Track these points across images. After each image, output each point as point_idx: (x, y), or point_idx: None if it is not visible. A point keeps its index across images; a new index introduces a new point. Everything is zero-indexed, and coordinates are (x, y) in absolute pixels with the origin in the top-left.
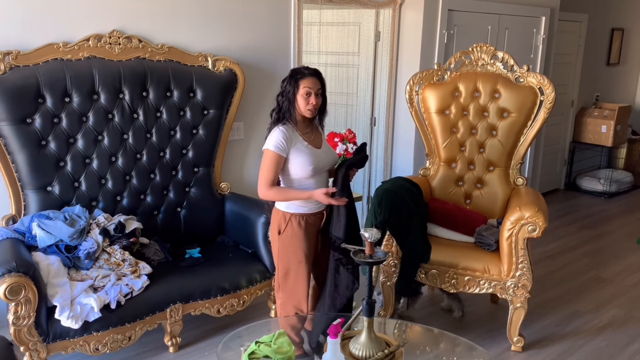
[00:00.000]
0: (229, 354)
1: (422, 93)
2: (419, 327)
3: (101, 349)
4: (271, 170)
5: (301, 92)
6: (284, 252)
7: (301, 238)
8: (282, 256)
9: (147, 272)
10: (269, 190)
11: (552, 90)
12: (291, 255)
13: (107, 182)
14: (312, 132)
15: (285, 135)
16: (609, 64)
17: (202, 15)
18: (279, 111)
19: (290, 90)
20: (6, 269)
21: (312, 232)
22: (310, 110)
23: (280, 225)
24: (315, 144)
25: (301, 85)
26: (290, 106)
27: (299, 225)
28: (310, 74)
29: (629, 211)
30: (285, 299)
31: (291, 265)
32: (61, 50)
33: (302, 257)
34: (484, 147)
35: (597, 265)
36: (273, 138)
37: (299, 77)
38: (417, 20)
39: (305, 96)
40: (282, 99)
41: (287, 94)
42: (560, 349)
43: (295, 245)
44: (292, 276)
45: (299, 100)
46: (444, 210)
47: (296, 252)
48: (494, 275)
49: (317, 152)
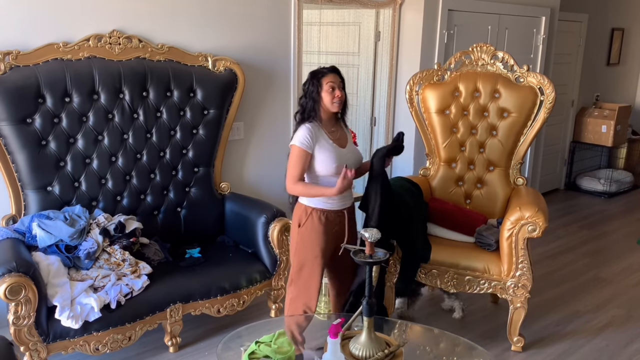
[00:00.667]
0: (229, 354)
1: (422, 93)
2: (419, 327)
3: (101, 349)
4: (297, 165)
5: (325, 88)
6: (302, 245)
7: (320, 233)
8: (299, 250)
9: (147, 272)
10: (295, 185)
11: (552, 90)
12: (308, 249)
13: (107, 182)
14: (338, 131)
15: (310, 132)
16: (609, 64)
17: (202, 15)
18: (303, 112)
19: (313, 89)
20: (6, 269)
21: (331, 230)
22: (337, 103)
23: (301, 218)
24: (341, 143)
25: (324, 82)
26: (315, 105)
27: (319, 220)
28: (330, 70)
29: (629, 211)
30: (296, 294)
31: (307, 259)
32: (61, 50)
33: (319, 252)
34: (484, 147)
35: (597, 265)
36: (299, 134)
37: (320, 76)
38: (417, 20)
39: (330, 91)
40: (306, 99)
41: (311, 93)
42: (560, 349)
43: (314, 239)
44: (307, 271)
45: (324, 96)
46: (444, 210)
47: (313, 246)
48: (494, 275)
49: (342, 151)
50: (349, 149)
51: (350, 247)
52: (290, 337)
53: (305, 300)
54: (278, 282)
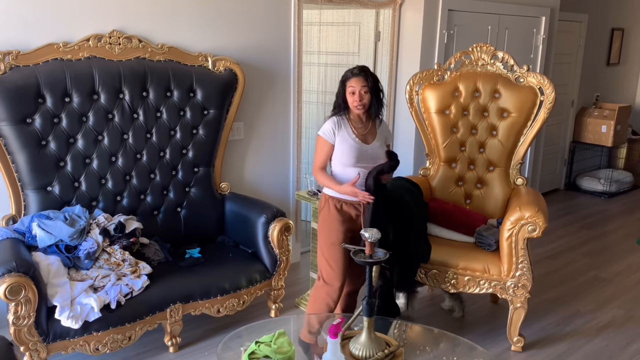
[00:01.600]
0: (229, 354)
1: (422, 93)
2: (419, 327)
3: (101, 349)
4: (320, 154)
5: (348, 92)
6: (321, 229)
7: (335, 220)
8: (319, 234)
9: (147, 272)
10: (317, 172)
11: (552, 90)
12: (325, 235)
13: (107, 182)
14: (366, 128)
15: (334, 124)
16: (609, 64)
17: (202, 15)
18: (334, 108)
19: (341, 91)
20: (6, 269)
21: (347, 219)
22: (357, 107)
23: (321, 205)
24: (365, 139)
25: (347, 86)
26: (343, 104)
27: (335, 208)
28: (355, 74)
29: (629, 211)
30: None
31: (324, 245)
32: (61, 50)
33: (335, 239)
34: (484, 147)
35: (597, 265)
36: (324, 126)
37: (345, 79)
38: (417, 20)
39: (351, 95)
40: (337, 99)
41: (339, 94)
42: (560, 349)
43: (330, 226)
44: (326, 256)
45: (348, 99)
46: (444, 210)
47: (330, 232)
48: (494, 275)
49: (363, 147)
50: (373, 146)
51: (350, 247)
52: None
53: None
54: (278, 282)
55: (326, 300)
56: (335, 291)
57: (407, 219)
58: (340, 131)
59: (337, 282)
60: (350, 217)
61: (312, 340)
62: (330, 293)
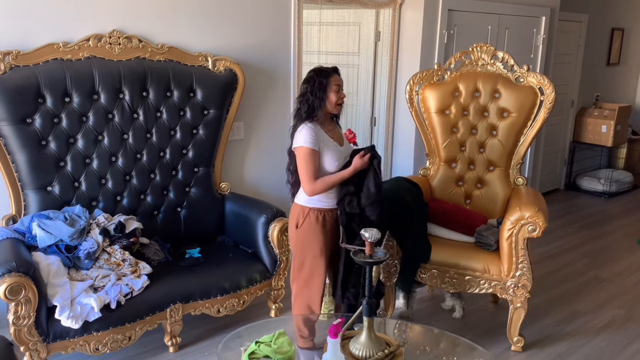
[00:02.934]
0: (229, 354)
1: (422, 93)
2: (419, 327)
3: (101, 349)
4: (310, 165)
5: (333, 88)
6: (300, 245)
7: (318, 232)
8: (298, 249)
9: (147, 272)
10: (315, 183)
11: (552, 90)
12: (307, 248)
13: (107, 182)
14: (334, 130)
15: (314, 131)
16: (609, 64)
17: (202, 15)
18: (307, 109)
19: (320, 87)
20: (6, 269)
21: (330, 229)
22: (340, 104)
23: (298, 219)
24: (339, 141)
25: (332, 82)
26: (320, 103)
27: (317, 219)
28: (334, 70)
29: (629, 211)
30: (297, 292)
31: (306, 258)
32: (61, 50)
33: (318, 251)
34: (484, 147)
35: (597, 265)
36: (304, 135)
37: (327, 75)
38: (417, 20)
39: (337, 90)
40: (312, 97)
41: (317, 91)
42: (560, 349)
43: (311, 239)
44: (307, 270)
45: (330, 96)
46: (444, 210)
47: (312, 246)
48: (494, 275)
49: (341, 149)
50: (345, 147)
51: (350, 247)
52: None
53: (307, 299)
54: (278, 282)
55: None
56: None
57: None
58: (321, 138)
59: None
60: (331, 226)
61: (309, 344)
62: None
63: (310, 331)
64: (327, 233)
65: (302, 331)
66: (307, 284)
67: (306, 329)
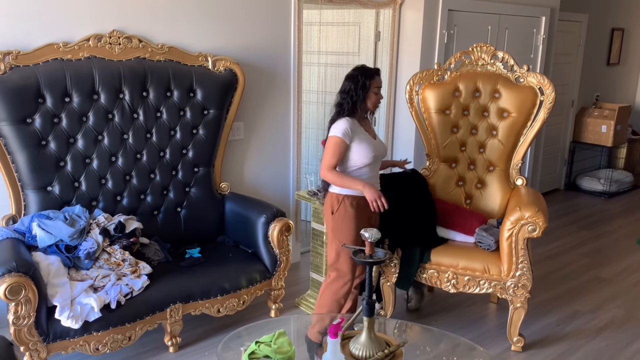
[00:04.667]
0: (229, 354)
1: (422, 93)
2: (419, 327)
3: (101, 349)
4: (335, 155)
5: (374, 90)
6: (337, 231)
7: (353, 218)
8: (334, 236)
9: (147, 272)
10: (330, 172)
11: (552, 90)
12: (343, 234)
13: (107, 182)
14: (369, 125)
15: (351, 124)
16: (609, 64)
17: (202, 15)
18: (350, 105)
19: (362, 87)
20: (6, 269)
21: (364, 216)
22: (378, 105)
23: (333, 206)
24: (372, 135)
25: (374, 84)
26: (362, 102)
27: (352, 205)
28: (377, 72)
29: (629, 211)
30: (335, 277)
31: (346, 242)
32: (61, 50)
33: (354, 237)
34: (484, 147)
35: (597, 265)
36: (340, 126)
37: (370, 77)
38: (417, 20)
39: (375, 94)
40: (355, 94)
41: (360, 90)
42: (560, 349)
43: (347, 224)
44: (344, 257)
45: (370, 96)
46: (444, 210)
47: (348, 231)
48: (494, 275)
49: (375, 142)
50: (378, 141)
51: (350, 247)
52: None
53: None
54: (278, 282)
55: (338, 295)
56: (348, 284)
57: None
58: (356, 131)
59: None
60: (368, 212)
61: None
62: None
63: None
64: (362, 219)
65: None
66: (345, 271)
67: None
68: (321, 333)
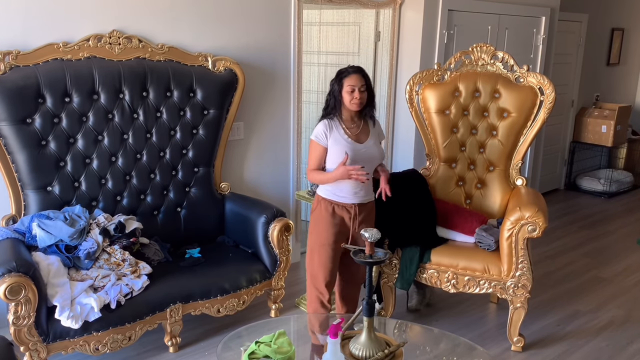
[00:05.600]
0: (229, 354)
1: (422, 93)
2: (419, 327)
3: (101, 349)
4: (312, 157)
5: (346, 89)
6: (312, 230)
7: (326, 222)
8: (310, 234)
9: (147, 272)
10: (310, 173)
11: (552, 90)
12: (315, 236)
13: (107, 182)
14: (358, 127)
15: (325, 126)
16: (609, 64)
17: (202, 15)
18: (326, 108)
19: (336, 88)
20: (6, 269)
21: (339, 222)
22: (356, 104)
23: (314, 205)
24: (358, 138)
25: (345, 83)
26: (336, 103)
27: (327, 210)
28: (353, 71)
29: (629, 211)
30: (309, 278)
31: (315, 246)
32: (61, 50)
33: (324, 240)
34: (484, 147)
35: (597, 265)
36: (316, 129)
37: (343, 76)
38: (417, 20)
39: (350, 92)
40: (330, 97)
41: (334, 92)
42: (560, 349)
43: (320, 227)
44: (316, 258)
45: (344, 96)
46: (444, 210)
47: (320, 234)
48: (494, 275)
49: (357, 146)
50: (366, 145)
51: (350, 247)
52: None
53: (316, 286)
54: (278, 282)
55: (318, 299)
56: (323, 292)
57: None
58: (333, 133)
59: (323, 283)
60: (342, 220)
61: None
62: (319, 293)
63: (321, 327)
64: (335, 225)
65: (313, 326)
66: (316, 273)
67: (317, 325)
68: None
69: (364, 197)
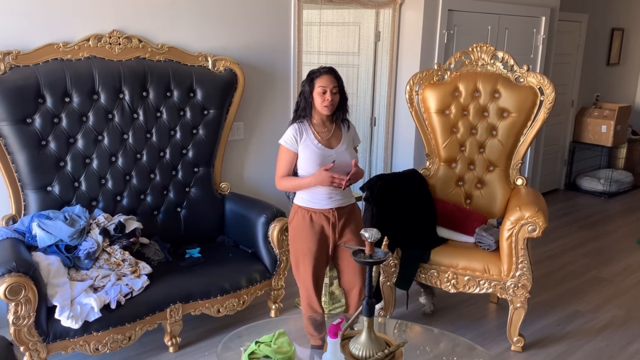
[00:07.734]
0: (229, 354)
1: (422, 93)
2: (419, 327)
3: (101, 349)
4: (281, 163)
5: (317, 91)
6: (292, 242)
7: (305, 231)
8: (291, 246)
9: (147, 272)
10: (280, 180)
11: (552, 90)
12: (297, 246)
13: (107, 182)
14: (330, 132)
15: (295, 131)
16: (609, 64)
17: (202, 15)
18: (297, 110)
19: (307, 90)
20: (6, 269)
21: (318, 229)
22: (327, 107)
23: (291, 216)
24: (329, 143)
25: (316, 84)
26: (307, 105)
27: (304, 218)
28: (325, 72)
29: (629, 211)
30: (300, 288)
31: (298, 256)
32: (61, 50)
33: (306, 249)
34: (484, 147)
35: (597, 265)
36: (285, 134)
37: (314, 77)
38: (417, 20)
39: (321, 93)
40: (300, 99)
41: (304, 93)
42: (560, 349)
43: (300, 237)
44: (301, 268)
45: (315, 98)
46: (444, 210)
47: (301, 243)
48: (494, 275)
49: (327, 152)
50: (337, 150)
51: (350, 247)
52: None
53: (306, 297)
54: (278, 282)
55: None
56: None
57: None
58: (303, 138)
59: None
60: (321, 229)
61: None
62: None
63: (317, 330)
64: (315, 233)
65: (309, 329)
66: (303, 282)
67: (312, 327)
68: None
69: (341, 201)
